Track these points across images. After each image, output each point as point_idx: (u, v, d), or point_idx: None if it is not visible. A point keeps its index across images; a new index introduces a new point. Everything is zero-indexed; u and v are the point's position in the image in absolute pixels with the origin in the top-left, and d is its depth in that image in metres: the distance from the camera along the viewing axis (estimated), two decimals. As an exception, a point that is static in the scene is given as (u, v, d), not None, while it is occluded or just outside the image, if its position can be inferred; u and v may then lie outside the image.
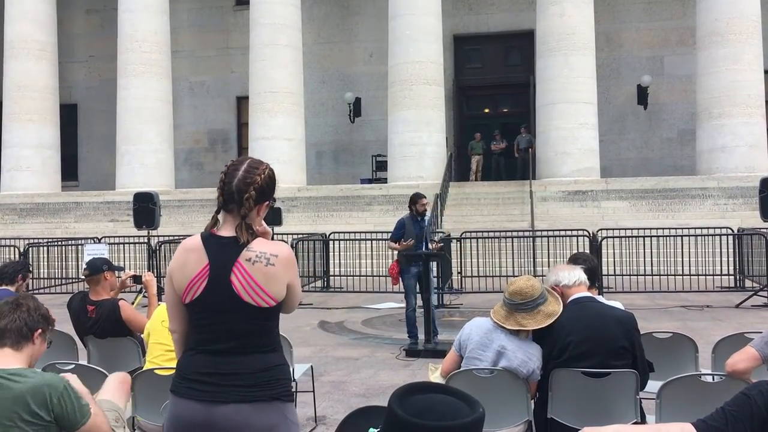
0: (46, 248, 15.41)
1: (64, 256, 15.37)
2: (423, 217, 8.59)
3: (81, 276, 11.43)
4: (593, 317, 3.62)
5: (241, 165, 2.45)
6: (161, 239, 13.56)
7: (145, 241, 13.24)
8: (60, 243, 15.80)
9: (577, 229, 13.92)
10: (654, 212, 16.60)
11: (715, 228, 13.70)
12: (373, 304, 11.77)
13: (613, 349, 3.56)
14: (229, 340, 2.38)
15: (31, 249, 14.78)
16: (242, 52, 21.67)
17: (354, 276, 13.88)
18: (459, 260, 13.50)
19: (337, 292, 13.58)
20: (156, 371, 3.90)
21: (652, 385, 3.73)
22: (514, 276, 5.87)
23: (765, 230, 12.06)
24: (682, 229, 13.79)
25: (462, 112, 23.31)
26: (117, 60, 20.30)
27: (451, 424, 1.73)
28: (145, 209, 12.37)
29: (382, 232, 13.57)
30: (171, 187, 20.11)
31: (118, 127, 20.15)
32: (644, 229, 13.82)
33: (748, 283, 12.78)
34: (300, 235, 14.53)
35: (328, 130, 23.42)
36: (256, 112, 19.38)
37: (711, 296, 11.84)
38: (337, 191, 18.57)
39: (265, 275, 2.38)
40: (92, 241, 15.18)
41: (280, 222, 12.56)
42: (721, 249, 13.05)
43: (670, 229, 13.92)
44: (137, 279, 5.29)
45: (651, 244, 13.23)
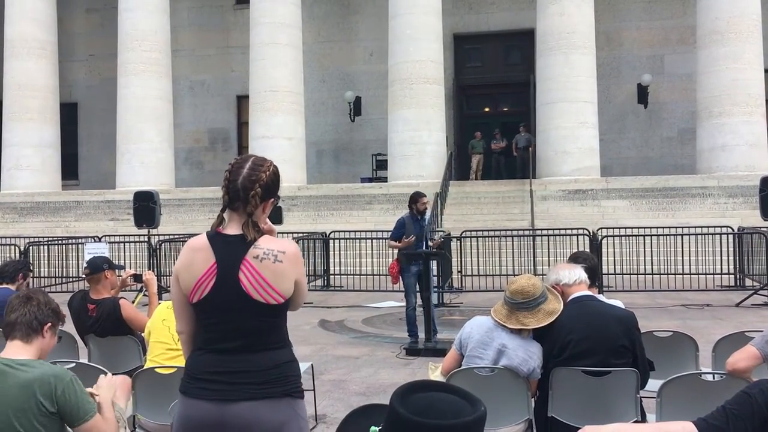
0: (46, 247, 15.40)
1: (64, 255, 15.36)
2: (423, 216, 8.60)
3: (81, 275, 11.43)
4: (594, 316, 3.62)
5: (246, 163, 2.45)
6: (161, 238, 13.58)
7: (146, 240, 13.24)
8: (60, 242, 15.79)
9: (578, 228, 13.91)
10: (654, 211, 16.59)
11: (715, 227, 13.69)
12: (374, 303, 11.77)
13: (614, 348, 3.56)
14: (238, 339, 2.37)
15: (32, 248, 14.80)
16: (242, 51, 21.67)
17: (354, 275, 13.91)
18: (459, 259, 13.50)
19: (337, 291, 13.58)
20: (157, 370, 3.91)
21: (653, 384, 3.73)
22: (514, 275, 5.86)
23: (765, 229, 12.05)
24: (683, 228, 13.78)
25: (462, 111, 23.30)
26: (117, 59, 20.30)
27: (453, 423, 1.73)
28: (146, 208, 12.38)
29: (383, 231, 13.57)
30: (171, 186, 20.11)
31: (119, 126, 20.15)
32: (644, 228, 13.81)
33: (749, 282, 12.77)
34: (300, 234, 14.55)
35: (329, 129, 23.41)
36: (256, 111, 19.38)
37: (711, 295, 11.83)
38: (338, 190, 18.56)
39: (274, 272, 2.37)
40: (93, 240, 15.18)
41: (280, 221, 12.56)
42: (721, 248, 13.05)
43: (670, 228, 13.90)
44: (138, 278, 5.30)
45: (651, 243, 13.24)
